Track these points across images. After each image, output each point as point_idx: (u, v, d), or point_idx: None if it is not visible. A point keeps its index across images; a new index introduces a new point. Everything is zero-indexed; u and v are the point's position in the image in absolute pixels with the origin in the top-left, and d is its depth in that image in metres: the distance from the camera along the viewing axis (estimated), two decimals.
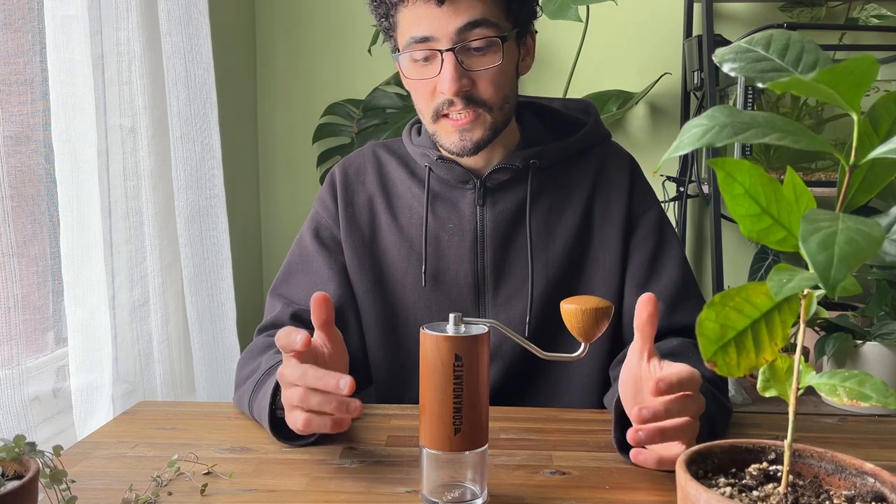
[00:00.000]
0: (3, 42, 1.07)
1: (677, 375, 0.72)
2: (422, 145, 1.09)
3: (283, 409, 0.81)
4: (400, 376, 1.09)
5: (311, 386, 0.75)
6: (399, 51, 1.01)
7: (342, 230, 1.09)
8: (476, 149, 1.01)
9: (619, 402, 0.82)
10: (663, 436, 0.72)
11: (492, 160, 1.07)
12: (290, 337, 0.77)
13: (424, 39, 0.96)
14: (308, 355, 0.80)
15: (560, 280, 1.05)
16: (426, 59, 0.98)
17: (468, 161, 1.06)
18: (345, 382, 0.72)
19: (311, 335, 1.00)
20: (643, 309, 0.77)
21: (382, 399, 1.10)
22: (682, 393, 0.73)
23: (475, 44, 0.96)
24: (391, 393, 1.10)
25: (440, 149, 1.06)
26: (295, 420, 0.77)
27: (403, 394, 1.09)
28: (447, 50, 0.95)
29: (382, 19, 1.02)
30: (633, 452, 0.78)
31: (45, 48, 1.11)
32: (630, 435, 0.72)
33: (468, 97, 0.97)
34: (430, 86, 0.99)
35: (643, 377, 0.78)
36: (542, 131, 1.10)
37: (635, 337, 0.79)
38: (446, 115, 0.99)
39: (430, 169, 1.07)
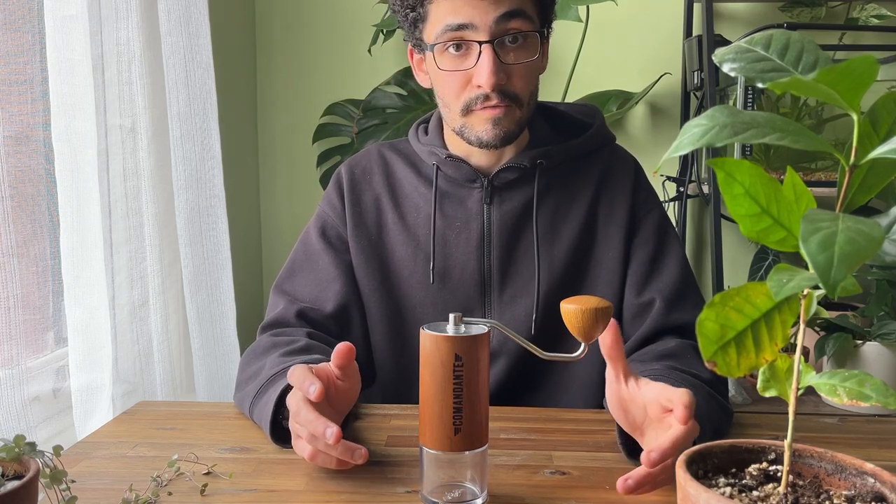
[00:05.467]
0: (3, 42, 1.07)
1: (671, 441, 0.69)
2: (430, 144, 1.09)
3: (287, 417, 0.81)
4: (405, 375, 1.09)
5: (301, 425, 0.74)
6: (425, 41, 1.00)
7: (349, 230, 1.09)
8: (506, 140, 1.01)
9: None
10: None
11: (500, 159, 1.07)
12: (304, 385, 0.75)
13: (461, 27, 0.96)
14: (320, 374, 0.79)
15: (564, 279, 1.05)
16: (459, 48, 0.97)
17: (476, 160, 1.06)
18: (331, 433, 0.71)
19: (316, 339, 1.01)
20: (605, 335, 0.75)
21: (387, 398, 1.10)
22: (686, 428, 0.71)
23: (511, 37, 0.96)
24: (396, 391, 1.10)
25: (449, 147, 1.07)
26: (302, 450, 0.77)
27: (409, 392, 1.09)
28: (486, 42, 0.95)
29: (409, 11, 1.01)
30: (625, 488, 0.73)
31: (45, 48, 1.11)
32: (620, 486, 0.70)
33: (503, 91, 0.97)
34: (464, 78, 0.98)
35: (625, 400, 0.77)
36: (549, 132, 1.10)
37: (607, 364, 0.77)
38: (478, 107, 0.99)
39: (437, 167, 1.08)
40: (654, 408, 0.74)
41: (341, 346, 0.78)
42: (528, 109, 1.02)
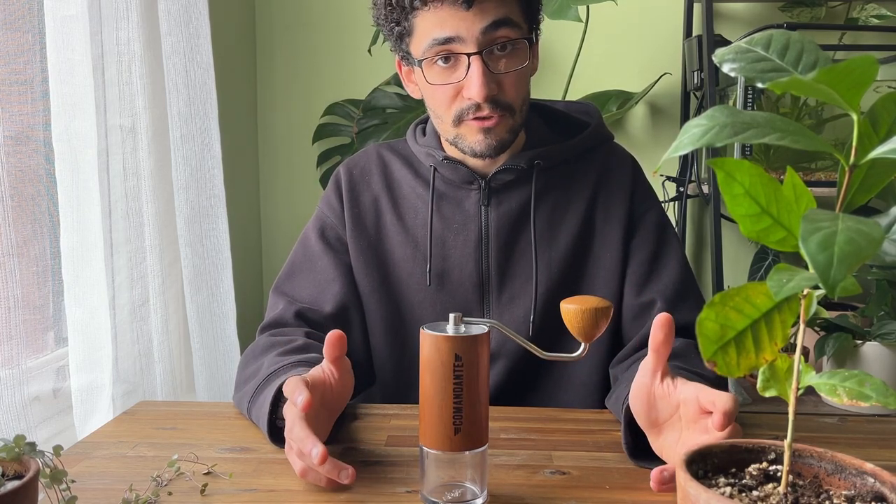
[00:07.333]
0: (3, 42, 1.07)
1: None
2: (427, 145, 1.09)
3: (283, 419, 0.81)
4: (405, 375, 1.09)
5: (293, 441, 0.74)
6: (412, 55, 1.00)
7: (348, 231, 1.09)
8: (500, 149, 1.01)
9: (628, 407, 0.82)
10: None
11: (497, 161, 1.07)
12: (294, 396, 0.75)
13: (449, 40, 0.95)
14: (315, 383, 0.79)
15: (562, 280, 1.05)
16: (447, 61, 0.96)
17: (473, 161, 1.06)
18: (317, 452, 0.70)
19: (314, 338, 1.01)
20: (659, 330, 0.74)
21: (387, 398, 1.10)
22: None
23: (500, 45, 0.96)
24: (396, 392, 1.10)
25: (446, 150, 1.07)
26: (294, 464, 0.76)
27: (408, 393, 1.09)
28: (475, 53, 0.94)
29: (394, 25, 0.99)
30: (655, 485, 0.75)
31: (45, 48, 1.11)
32: (655, 476, 0.72)
33: (494, 101, 0.97)
34: (454, 90, 0.97)
35: (656, 395, 0.77)
36: (546, 133, 1.10)
37: (649, 355, 0.77)
38: (470, 118, 0.99)
39: (434, 169, 1.08)
40: (691, 407, 0.74)
41: (332, 335, 0.78)
42: (522, 115, 1.02)
